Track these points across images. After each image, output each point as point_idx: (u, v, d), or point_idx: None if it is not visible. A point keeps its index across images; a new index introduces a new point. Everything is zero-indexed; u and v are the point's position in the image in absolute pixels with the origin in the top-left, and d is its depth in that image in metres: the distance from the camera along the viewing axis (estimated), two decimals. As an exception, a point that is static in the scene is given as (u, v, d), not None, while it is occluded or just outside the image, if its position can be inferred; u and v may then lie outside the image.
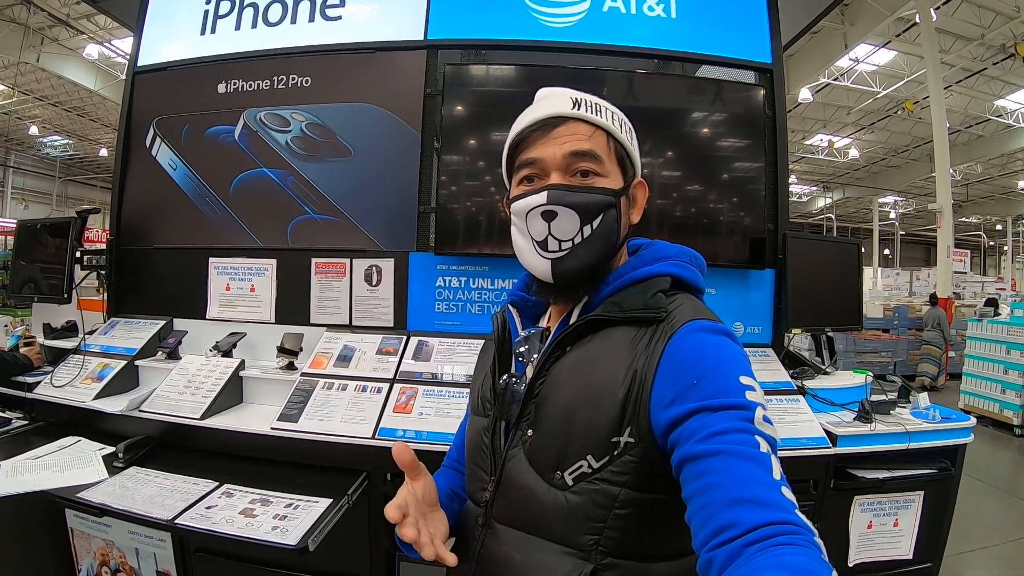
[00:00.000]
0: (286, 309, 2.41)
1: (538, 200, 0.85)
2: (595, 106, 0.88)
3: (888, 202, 23.89)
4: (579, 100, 0.88)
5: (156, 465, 1.76)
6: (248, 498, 1.56)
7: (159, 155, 2.57)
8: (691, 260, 0.94)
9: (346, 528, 1.56)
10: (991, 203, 23.99)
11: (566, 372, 0.84)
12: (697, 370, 0.73)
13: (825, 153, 18.25)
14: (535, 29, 2.38)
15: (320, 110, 2.43)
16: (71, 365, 2.20)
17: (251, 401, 2.12)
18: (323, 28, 2.47)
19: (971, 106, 14.17)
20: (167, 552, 1.77)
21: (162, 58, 2.65)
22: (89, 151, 20.43)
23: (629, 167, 0.91)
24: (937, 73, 9.32)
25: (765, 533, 0.56)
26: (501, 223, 2.24)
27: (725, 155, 2.38)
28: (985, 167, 18.51)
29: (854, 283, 2.65)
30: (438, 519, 0.86)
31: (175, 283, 2.51)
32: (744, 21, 2.46)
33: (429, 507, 0.85)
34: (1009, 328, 6.38)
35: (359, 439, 1.75)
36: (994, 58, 11.38)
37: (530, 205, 0.85)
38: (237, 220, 2.47)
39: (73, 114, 17.04)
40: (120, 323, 2.45)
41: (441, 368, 2.06)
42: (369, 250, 2.36)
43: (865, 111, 14.99)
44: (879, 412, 2.07)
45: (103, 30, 11.47)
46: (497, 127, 2.30)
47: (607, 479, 0.77)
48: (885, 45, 11.44)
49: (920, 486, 2.02)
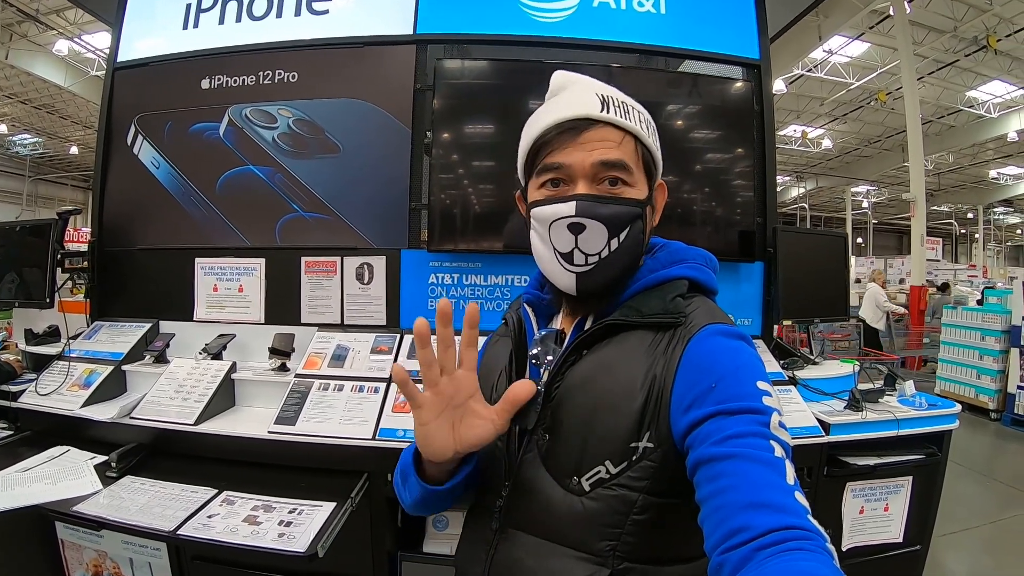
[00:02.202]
0: (276, 309, 2.37)
1: (566, 210, 0.82)
2: (623, 106, 0.86)
3: (861, 191, 24.30)
4: (607, 99, 0.85)
5: (151, 473, 1.72)
6: (250, 505, 1.53)
7: (141, 153, 2.51)
8: (706, 262, 0.94)
9: (348, 529, 1.55)
10: (963, 192, 24.53)
11: (583, 376, 0.83)
12: (715, 374, 0.73)
13: (799, 143, 18.47)
14: (525, 24, 2.36)
15: (308, 106, 2.39)
16: (55, 372, 2.15)
17: (244, 404, 2.08)
18: (310, 22, 2.42)
19: (943, 97, 14.46)
20: (163, 561, 1.73)
21: (143, 53, 2.58)
22: (59, 149, 19.98)
23: (654, 172, 0.90)
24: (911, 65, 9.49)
25: (777, 538, 0.56)
26: (494, 219, 2.23)
27: (714, 149, 2.40)
28: (957, 157, 18.89)
29: (841, 274, 2.69)
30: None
31: (160, 285, 2.46)
32: (732, 17, 2.47)
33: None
34: (983, 315, 6.52)
35: (359, 440, 1.73)
36: (966, 50, 11.62)
37: (556, 215, 0.83)
38: (223, 219, 2.42)
39: (43, 111, 16.63)
40: (104, 327, 2.39)
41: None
42: (360, 248, 2.33)
43: (838, 102, 15.22)
44: (868, 400, 2.11)
45: (73, 25, 11.19)
46: (489, 121, 2.29)
47: (626, 484, 0.77)
48: (859, 37, 11.63)
49: (909, 471, 2.06)
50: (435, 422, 0.77)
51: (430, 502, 0.89)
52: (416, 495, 0.88)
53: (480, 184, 2.28)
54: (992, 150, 18.49)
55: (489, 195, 2.27)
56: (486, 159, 2.27)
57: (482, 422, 0.79)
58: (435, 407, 0.78)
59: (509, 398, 0.78)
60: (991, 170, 21.15)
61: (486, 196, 2.26)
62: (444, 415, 0.78)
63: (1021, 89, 13.65)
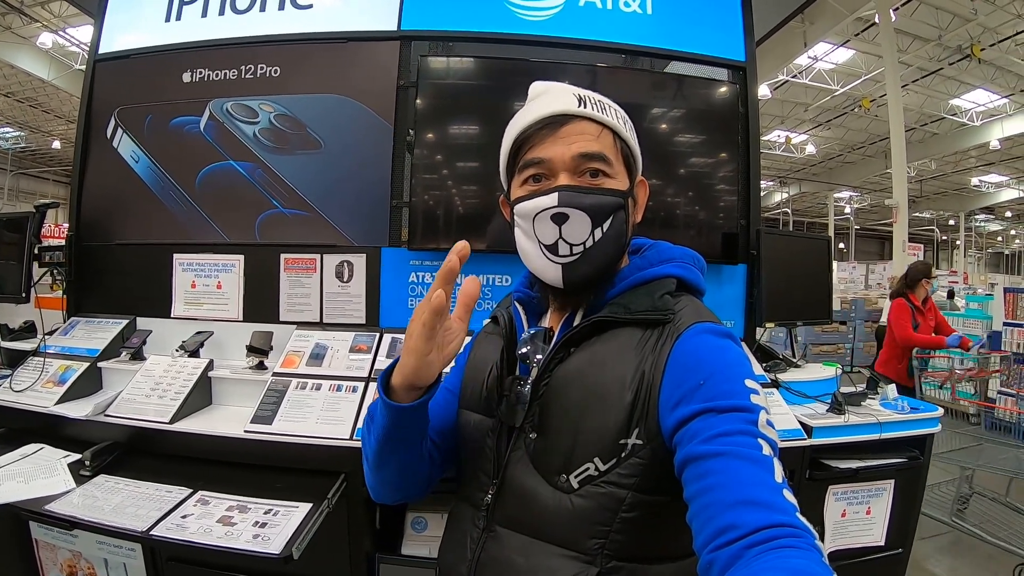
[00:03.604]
0: (254, 306, 2.34)
1: (548, 202, 0.82)
2: (600, 104, 0.87)
3: (844, 197, 24.57)
4: (584, 97, 0.86)
5: (125, 472, 1.69)
6: (225, 505, 1.50)
7: (121, 147, 2.47)
8: (694, 262, 0.94)
9: (324, 531, 1.52)
10: (944, 199, 24.87)
11: (571, 374, 0.83)
12: (704, 372, 0.73)
13: (782, 149, 18.63)
14: (511, 22, 2.36)
15: (290, 101, 2.36)
16: (30, 368, 2.10)
17: (221, 403, 2.04)
18: (293, 16, 2.40)
19: (927, 105, 14.66)
20: (138, 562, 1.69)
21: (124, 45, 2.54)
22: (42, 143, 19.71)
23: (633, 167, 0.90)
24: (895, 72, 9.59)
25: (766, 535, 0.56)
26: (476, 219, 2.22)
27: (699, 151, 2.40)
28: (939, 164, 19.15)
29: (824, 278, 2.70)
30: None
31: (138, 280, 2.42)
32: (718, 19, 2.48)
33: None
34: (964, 320, 6.60)
35: (337, 440, 1.70)
36: (950, 58, 11.78)
37: (539, 207, 0.83)
38: (203, 215, 2.38)
39: (25, 105, 16.41)
40: (81, 323, 2.35)
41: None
42: (340, 245, 2.31)
43: (822, 108, 15.38)
44: (851, 403, 2.11)
45: (58, 18, 11.07)
46: (472, 120, 2.28)
47: (614, 482, 0.77)
48: (844, 44, 11.76)
49: (891, 475, 2.07)
50: (433, 353, 0.77)
51: (403, 427, 0.84)
52: (385, 424, 0.83)
53: (462, 183, 2.26)
54: (974, 158, 18.75)
55: (471, 194, 2.25)
56: (469, 159, 2.25)
57: (454, 333, 0.80)
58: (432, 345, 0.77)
59: (463, 299, 0.78)
60: (973, 177, 21.44)
61: (468, 196, 2.25)
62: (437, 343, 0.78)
63: (1004, 98, 13.86)
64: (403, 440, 0.86)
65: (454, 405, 1.00)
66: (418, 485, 0.95)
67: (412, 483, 0.94)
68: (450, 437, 0.98)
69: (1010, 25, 10.42)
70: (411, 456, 0.89)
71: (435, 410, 0.96)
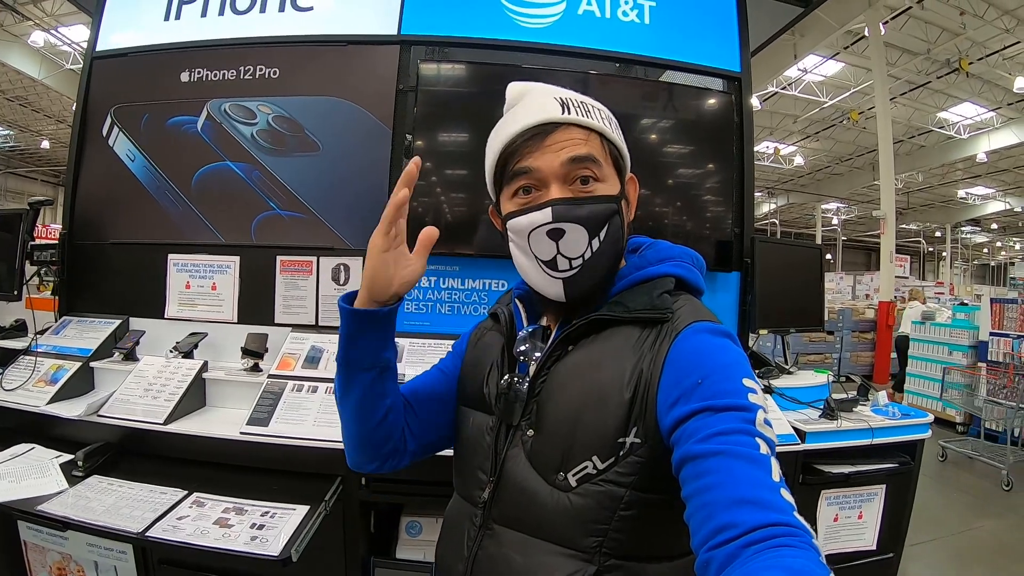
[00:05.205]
0: (249, 308, 2.33)
1: (542, 218, 0.81)
2: (583, 106, 0.86)
3: (831, 208, 24.74)
4: (566, 101, 0.85)
5: (119, 473, 1.68)
6: (221, 507, 1.49)
7: (116, 145, 2.46)
8: (692, 261, 0.93)
9: (320, 534, 1.52)
10: (931, 211, 25.09)
11: (569, 372, 0.83)
12: (702, 371, 0.73)
13: (771, 160, 18.72)
14: (510, 29, 2.37)
15: (288, 103, 2.36)
16: (22, 367, 2.08)
17: (215, 404, 2.04)
18: (293, 18, 2.40)
19: (914, 117, 14.77)
20: (128, 565, 1.68)
21: (122, 43, 2.54)
22: (31, 143, 19.47)
23: (623, 165, 0.90)
24: (884, 85, 9.66)
25: (764, 534, 0.56)
26: (472, 224, 2.22)
27: (693, 160, 2.42)
28: (926, 176, 19.27)
29: (816, 286, 2.73)
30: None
31: (131, 280, 2.40)
32: (715, 30, 2.51)
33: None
34: (951, 331, 6.66)
35: (334, 443, 1.69)
36: (939, 72, 11.88)
37: (533, 223, 0.82)
38: (198, 215, 2.37)
39: (15, 103, 16.22)
40: (73, 322, 2.33)
41: (412, 369, 2.02)
42: (337, 248, 2.30)
43: (811, 120, 15.45)
44: (843, 409, 2.14)
45: (51, 16, 10.94)
46: (470, 125, 2.28)
47: (612, 480, 0.76)
48: (833, 57, 11.83)
49: (882, 480, 2.10)
50: (387, 253, 0.84)
51: (358, 339, 0.88)
52: (342, 336, 0.88)
53: (459, 189, 2.28)
54: (961, 170, 18.93)
55: (468, 200, 2.26)
56: (467, 165, 2.25)
57: (411, 263, 0.87)
58: (388, 241, 0.84)
59: (422, 239, 0.86)
60: (960, 190, 21.64)
61: (465, 201, 2.26)
62: (390, 252, 0.84)
63: (991, 111, 14.02)
64: (359, 362, 0.88)
65: (443, 384, 1.01)
66: (385, 441, 0.94)
67: (378, 435, 0.93)
68: (431, 409, 0.99)
69: (998, 39, 10.52)
70: (369, 393, 0.90)
71: (422, 380, 1.03)
